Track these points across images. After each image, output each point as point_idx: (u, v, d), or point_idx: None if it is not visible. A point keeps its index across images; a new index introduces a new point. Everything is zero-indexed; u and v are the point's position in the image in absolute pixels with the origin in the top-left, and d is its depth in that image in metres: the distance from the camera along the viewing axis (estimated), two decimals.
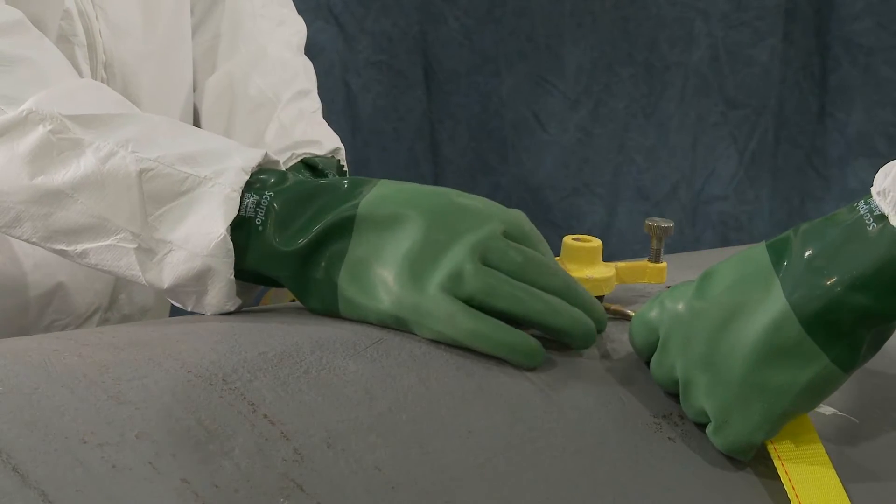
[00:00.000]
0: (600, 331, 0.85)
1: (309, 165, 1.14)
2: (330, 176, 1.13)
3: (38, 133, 0.88)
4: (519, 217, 0.86)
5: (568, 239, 0.93)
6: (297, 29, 1.26)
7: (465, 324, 0.81)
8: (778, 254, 0.77)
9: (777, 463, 0.79)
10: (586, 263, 0.92)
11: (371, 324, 0.84)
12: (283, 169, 0.91)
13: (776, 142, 2.76)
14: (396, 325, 0.83)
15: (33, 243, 0.90)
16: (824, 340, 0.75)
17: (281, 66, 1.21)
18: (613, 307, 0.92)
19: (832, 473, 0.78)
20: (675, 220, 2.72)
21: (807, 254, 0.75)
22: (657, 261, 0.96)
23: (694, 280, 0.81)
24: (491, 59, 2.60)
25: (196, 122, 1.20)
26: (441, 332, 0.81)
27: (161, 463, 0.69)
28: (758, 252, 0.78)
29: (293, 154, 1.14)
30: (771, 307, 0.76)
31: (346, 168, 1.17)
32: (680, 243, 2.65)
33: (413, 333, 0.83)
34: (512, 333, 0.81)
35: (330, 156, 1.16)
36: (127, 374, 0.75)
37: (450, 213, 0.84)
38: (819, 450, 0.79)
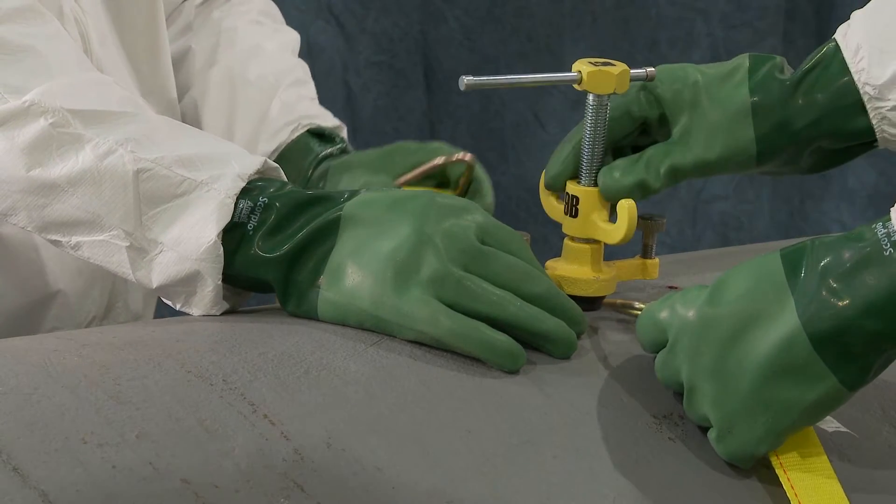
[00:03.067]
0: (580, 334, 0.86)
1: (316, 134, 1.15)
2: (337, 141, 1.15)
3: (38, 125, 0.88)
4: (499, 223, 0.87)
5: (569, 240, 0.93)
6: (291, 37, 1.27)
7: (446, 323, 0.81)
8: (793, 267, 0.76)
9: (779, 471, 0.78)
10: (588, 264, 0.92)
11: (351, 326, 0.84)
12: (287, 167, 0.92)
13: None
14: (376, 326, 0.83)
15: (29, 231, 0.91)
16: (834, 362, 0.74)
17: (279, 58, 1.22)
18: (620, 301, 0.92)
19: (836, 485, 0.78)
20: (675, 220, 2.72)
21: (822, 273, 0.74)
22: (649, 256, 0.96)
23: (705, 284, 0.81)
24: (491, 59, 2.60)
25: (196, 117, 1.20)
26: (422, 331, 0.81)
27: (161, 463, 0.69)
28: (772, 262, 0.77)
29: (299, 124, 1.15)
30: (783, 323, 0.75)
31: (349, 148, 1.18)
32: (680, 243, 2.65)
33: (393, 336, 0.83)
34: (493, 334, 0.81)
35: (334, 129, 1.18)
36: (127, 374, 0.75)
37: (433, 217, 0.84)
38: (823, 461, 0.79)
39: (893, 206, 0.74)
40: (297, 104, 1.17)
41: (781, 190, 2.73)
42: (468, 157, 1.04)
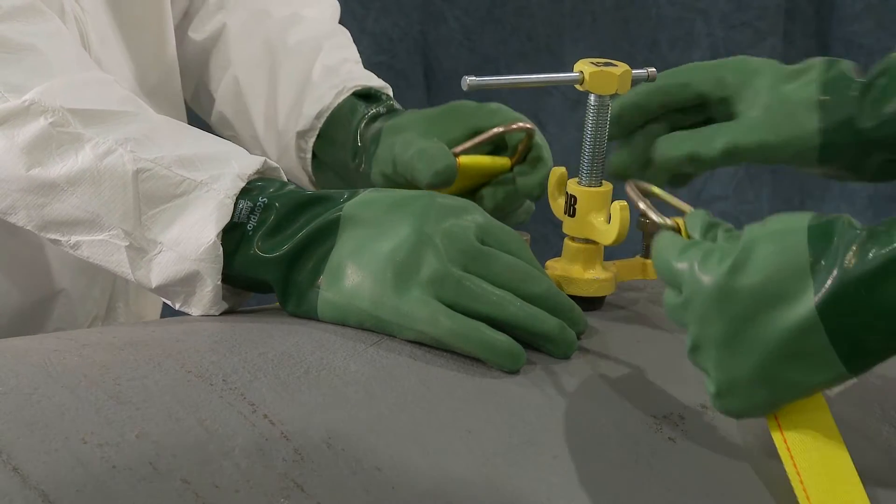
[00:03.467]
0: (580, 334, 0.86)
1: (362, 95, 1.10)
2: (384, 99, 1.10)
3: (38, 124, 0.88)
4: (499, 223, 0.87)
5: (568, 240, 0.93)
6: (330, 3, 1.23)
7: (447, 323, 0.81)
8: (818, 252, 0.74)
9: (775, 433, 0.78)
10: (588, 264, 0.92)
11: (351, 326, 0.84)
12: (335, 131, 0.94)
13: None
14: (376, 326, 0.83)
15: (29, 230, 0.91)
16: (848, 354, 0.73)
17: (317, 24, 1.18)
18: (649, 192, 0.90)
19: (839, 443, 0.77)
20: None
21: (846, 268, 0.73)
22: (650, 256, 0.96)
23: (728, 242, 0.78)
24: (491, 59, 2.60)
25: (239, 91, 1.17)
26: (422, 332, 0.81)
27: (161, 463, 0.69)
28: (798, 240, 0.75)
29: (344, 87, 1.10)
30: (800, 309, 0.74)
31: (397, 106, 1.12)
32: None
33: (393, 336, 0.83)
34: (494, 334, 0.81)
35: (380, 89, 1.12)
36: (127, 374, 0.75)
37: (433, 217, 0.84)
38: (827, 419, 0.78)
39: None
40: (341, 67, 1.13)
41: (781, 190, 2.73)
42: (528, 125, 1.02)
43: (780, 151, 0.93)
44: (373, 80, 1.12)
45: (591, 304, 0.92)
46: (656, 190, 0.90)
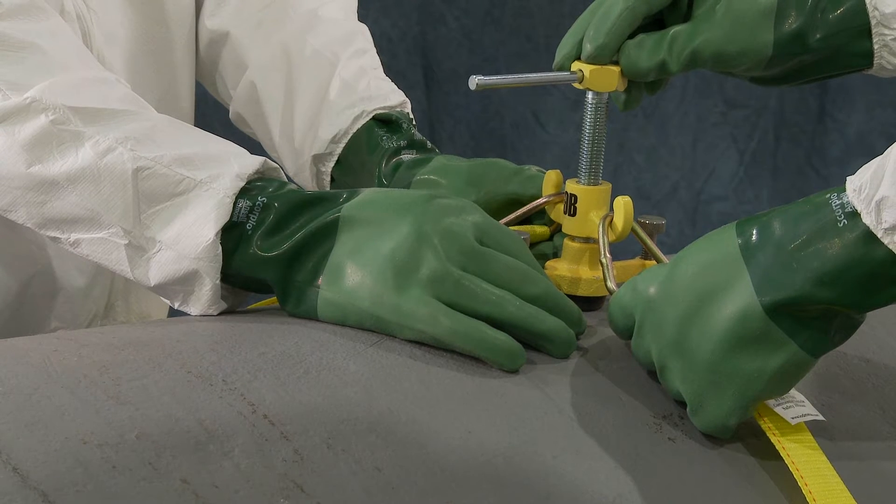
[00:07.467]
0: (579, 334, 0.86)
1: (383, 121, 1.10)
2: (404, 128, 1.10)
3: (39, 122, 0.88)
4: (497, 223, 0.87)
5: (568, 240, 0.93)
6: None
7: (446, 322, 0.81)
8: (747, 239, 0.77)
9: (773, 437, 0.79)
10: (588, 264, 0.92)
11: (350, 326, 0.84)
12: (353, 158, 0.96)
13: (776, 142, 2.75)
14: (376, 325, 0.83)
15: (29, 227, 0.91)
16: (790, 328, 0.76)
17: (335, 27, 1.17)
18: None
19: (821, 455, 0.79)
20: (675, 220, 2.72)
21: (777, 244, 0.76)
22: (649, 257, 0.96)
23: (665, 263, 0.82)
24: (491, 59, 2.60)
25: (256, 98, 1.17)
26: (422, 331, 0.82)
27: (161, 463, 0.69)
28: (727, 235, 0.78)
29: (364, 111, 1.10)
30: (738, 296, 0.77)
31: (414, 122, 1.12)
32: (680, 243, 2.65)
33: (394, 336, 0.83)
34: (493, 333, 0.82)
35: (399, 109, 1.12)
36: (127, 375, 0.75)
37: (432, 217, 0.84)
38: (807, 433, 0.80)
39: (848, 180, 0.74)
40: (358, 81, 1.12)
41: (781, 190, 2.73)
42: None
43: (735, 61, 0.93)
44: (390, 98, 1.11)
45: (591, 304, 0.92)
46: (641, 234, 0.93)
